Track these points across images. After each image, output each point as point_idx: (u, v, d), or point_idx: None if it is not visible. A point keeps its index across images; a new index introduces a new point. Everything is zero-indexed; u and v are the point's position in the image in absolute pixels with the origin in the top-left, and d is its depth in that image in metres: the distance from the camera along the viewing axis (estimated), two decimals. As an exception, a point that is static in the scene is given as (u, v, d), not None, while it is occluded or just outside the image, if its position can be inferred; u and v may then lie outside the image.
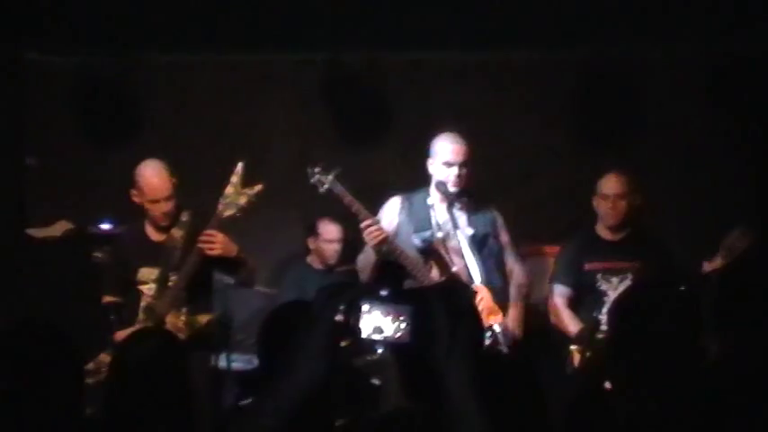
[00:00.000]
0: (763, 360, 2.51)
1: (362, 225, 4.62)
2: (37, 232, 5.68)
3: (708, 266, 4.77)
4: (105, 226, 5.37)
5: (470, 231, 4.73)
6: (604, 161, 5.55)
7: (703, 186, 6.14)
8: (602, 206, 5.03)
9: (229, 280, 5.23)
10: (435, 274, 4.68)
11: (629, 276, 4.94)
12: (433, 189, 4.79)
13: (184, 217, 4.71)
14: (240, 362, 5.23)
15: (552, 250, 5.34)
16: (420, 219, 4.74)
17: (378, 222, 4.65)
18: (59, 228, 5.63)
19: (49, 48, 6.21)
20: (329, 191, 4.64)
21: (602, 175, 5.11)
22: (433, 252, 4.70)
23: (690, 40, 6.01)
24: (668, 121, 6.22)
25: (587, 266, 5.00)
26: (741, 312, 2.58)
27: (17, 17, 5.78)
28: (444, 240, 4.70)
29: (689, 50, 6.14)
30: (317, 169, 4.66)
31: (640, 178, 5.17)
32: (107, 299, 4.71)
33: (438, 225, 4.72)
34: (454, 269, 4.67)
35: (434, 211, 4.75)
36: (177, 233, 4.68)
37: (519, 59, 6.32)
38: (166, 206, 4.66)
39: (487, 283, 4.65)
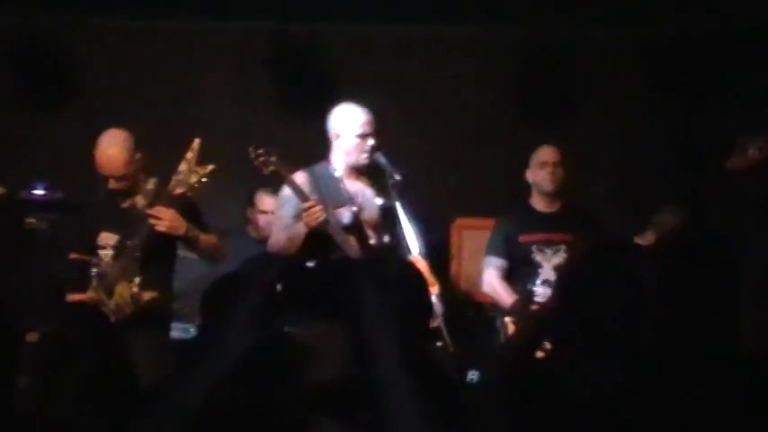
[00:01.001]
0: (693, 336, 2.57)
1: (305, 206, 4.51)
2: (-33, 197, 5.59)
3: (640, 241, 4.86)
4: (38, 191, 5.28)
5: (379, 201, 4.70)
6: (542, 136, 5.62)
7: (635, 162, 6.26)
8: (539, 175, 5.08)
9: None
10: (356, 247, 4.59)
11: (563, 248, 5.01)
12: (337, 161, 4.71)
13: (150, 185, 4.62)
14: (178, 330, 5.22)
15: (489, 222, 5.39)
16: (334, 193, 4.64)
17: (318, 203, 4.56)
18: (-10, 191, 5.54)
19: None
20: (273, 172, 4.58)
21: (535, 148, 5.16)
22: (355, 227, 4.62)
23: (627, 18, 6.10)
24: (606, 96, 6.32)
25: (522, 238, 5.05)
26: (673, 290, 2.64)
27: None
28: (359, 213, 4.64)
29: (625, 28, 6.23)
30: (259, 151, 4.58)
31: (575, 152, 5.24)
32: (74, 255, 4.56)
33: (350, 198, 4.67)
34: (372, 242, 4.64)
35: (344, 184, 4.69)
36: (140, 201, 4.59)
37: (461, 34, 6.36)
38: (116, 183, 4.55)
39: (423, 253, 4.69)
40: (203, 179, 4.53)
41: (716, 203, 5.75)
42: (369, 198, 4.71)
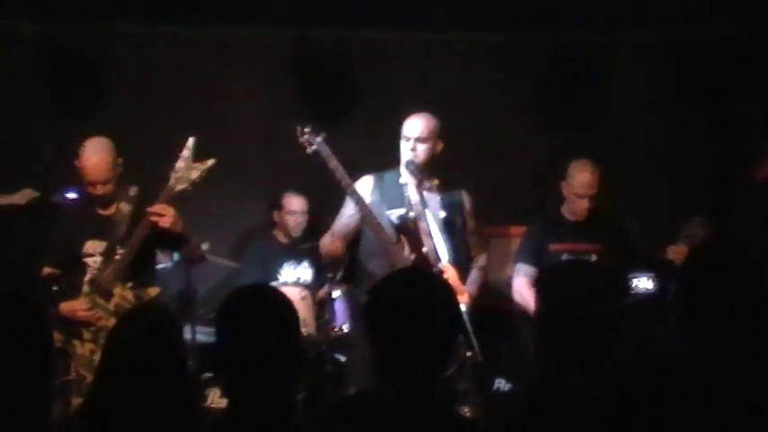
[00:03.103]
0: (727, 351, 2.55)
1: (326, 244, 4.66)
2: (1, 199, 5.62)
3: (671, 252, 4.83)
4: (71, 195, 5.32)
5: (442, 214, 4.76)
6: (569, 143, 5.60)
7: (665, 172, 6.24)
8: (576, 202, 5.02)
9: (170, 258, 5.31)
10: (406, 252, 4.66)
11: (593, 258, 4.99)
12: (403, 169, 4.79)
13: (132, 192, 4.73)
14: (203, 334, 5.23)
15: (517, 231, 5.37)
16: (393, 197, 4.73)
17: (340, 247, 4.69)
18: (24, 195, 5.57)
19: (13, 14, 6.11)
20: (316, 152, 4.61)
21: (572, 161, 5.07)
22: (405, 230, 4.68)
23: (656, 26, 6.08)
24: (632, 105, 6.31)
25: (552, 247, 5.02)
26: (703, 303, 2.62)
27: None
28: (416, 220, 4.70)
29: (655, 36, 6.21)
30: (306, 129, 4.63)
31: (603, 161, 5.20)
32: (47, 270, 4.68)
33: (411, 204, 4.72)
34: (424, 250, 4.67)
35: (407, 190, 4.75)
36: (125, 207, 4.70)
37: (487, 40, 6.36)
38: (102, 189, 4.66)
39: (455, 262, 4.69)
40: (204, 174, 4.64)
41: (746, 213, 5.73)
42: (433, 209, 4.75)
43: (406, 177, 4.78)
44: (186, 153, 4.64)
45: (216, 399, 5.09)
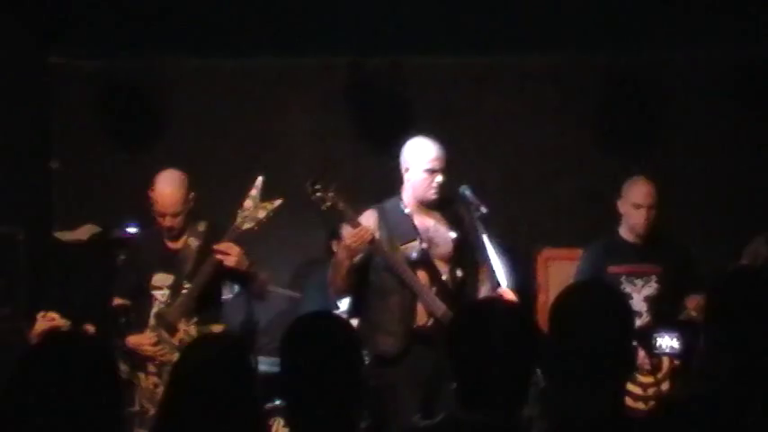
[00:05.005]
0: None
1: (351, 231, 4.50)
2: (64, 235, 5.73)
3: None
4: (131, 230, 5.41)
5: (453, 235, 4.66)
6: (627, 164, 5.55)
7: (727, 191, 6.14)
8: (633, 215, 4.95)
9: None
10: (427, 284, 4.58)
11: (654, 279, 4.92)
12: (406, 196, 4.69)
13: (201, 227, 4.74)
14: (265, 365, 5.25)
15: (575, 253, 5.32)
16: (402, 230, 4.62)
17: (368, 228, 4.53)
18: (86, 231, 5.68)
19: (74, 51, 6.26)
20: (331, 208, 4.57)
21: (626, 180, 5.02)
22: (423, 263, 4.60)
23: (715, 44, 6.01)
24: (692, 124, 6.23)
25: (611, 269, 4.94)
26: (740, 328, 2.59)
27: (43, 21, 5.82)
28: (429, 248, 4.63)
29: (714, 54, 6.14)
30: (317, 186, 4.57)
31: (663, 181, 5.14)
32: (117, 301, 4.74)
33: (419, 234, 4.62)
34: (444, 277, 4.62)
35: (413, 219, 4.66)
36: (193, 243, 4.71)
37: (542, 62, 6.34)
38: (171, 221, 4.67)
39: (515, 287, 4.65)
40: (271, 214, 4.62)
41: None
42: (441, 233, 4.67)
43: (410, 205, 4.67)
44: (254, 192, 4.62)
45: (280, 429, 5.09)
